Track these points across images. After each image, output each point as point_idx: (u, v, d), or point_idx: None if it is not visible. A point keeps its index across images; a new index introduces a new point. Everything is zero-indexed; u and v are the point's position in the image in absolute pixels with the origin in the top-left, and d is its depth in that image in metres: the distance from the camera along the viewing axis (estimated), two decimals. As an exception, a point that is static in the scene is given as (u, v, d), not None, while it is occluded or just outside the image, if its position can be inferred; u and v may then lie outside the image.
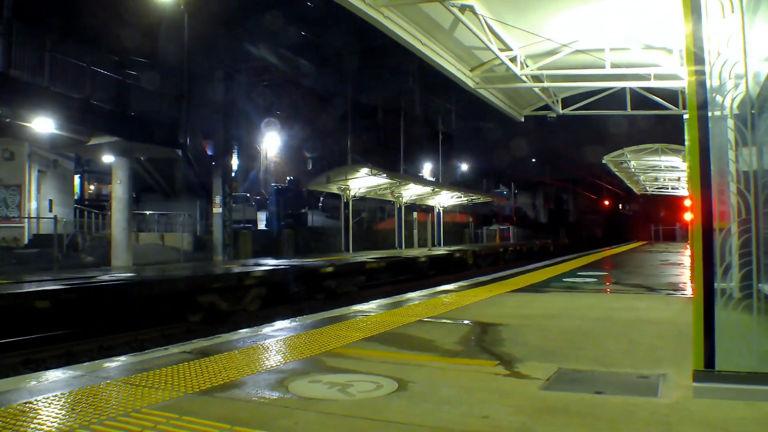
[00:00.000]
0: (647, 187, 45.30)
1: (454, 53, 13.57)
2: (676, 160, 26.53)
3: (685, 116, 11.34)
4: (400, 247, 37.23)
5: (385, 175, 31.22)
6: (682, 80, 13.22)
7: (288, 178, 48.04)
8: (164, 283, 14.96)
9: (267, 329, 7.19)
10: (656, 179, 39.99)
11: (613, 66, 13.32)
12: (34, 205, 26.03)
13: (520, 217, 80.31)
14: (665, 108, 16.21)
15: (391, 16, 10.72)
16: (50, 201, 27.34)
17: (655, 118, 18.84)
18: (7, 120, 17.73)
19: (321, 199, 44.64)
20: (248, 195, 40.17)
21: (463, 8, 10.78)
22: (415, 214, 42.73)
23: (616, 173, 36.72)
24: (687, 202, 25.01)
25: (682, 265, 19.45)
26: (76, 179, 34.09)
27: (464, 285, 13.02)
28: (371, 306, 9.33)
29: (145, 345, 11.92)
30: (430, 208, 44.18)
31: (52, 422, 3.56)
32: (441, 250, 34.77)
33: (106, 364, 5.33)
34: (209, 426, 3.48)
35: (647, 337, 6.44)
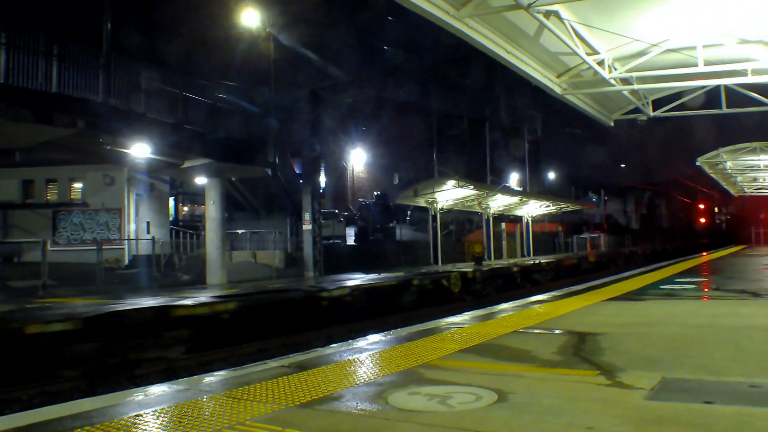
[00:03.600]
0: (745, 188, 43.58)
1: (539, 60, 13.43)
2: (777, 159, 25.44)
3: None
4: (490, 258, 36.90)
5: (471, 186, 31.07)
6: (784, 74, 12.71)
7: (375, 193, 48.32)
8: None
9: (361, 343, 7.22)
10: (755, 179, 38.43)
11: (707, 63, 12.88)
12: (133, 227, 27.10)
13: (611, 224, 78.35)
14: (764, 104, 15.56)
15: (475, 26, 10.70)
16: (148, 223, 28.40)
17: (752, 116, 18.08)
18: (108, 147, 18.54)
19: (408, 212, 44.74)
20: (336, 211, 40.61)
21: (548, 14, 10.66)
22: (503, 225, 42.34)
23: (711, 175, 35.46)
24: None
25: (788, 269, 18.59)
26: (171, 201, 35.24)
27: (557, 295, 12.78)
28: (464, 318, 9.26)
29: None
30: (518, 218, 43.70)
31: (161, 435, 3.67)
32: (530, 261, 34.32)
33: (207, 379, 5.47)
34: (312, 438, 3.51)
35: (756, 344, 6.16)
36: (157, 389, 5.08)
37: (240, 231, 31.45)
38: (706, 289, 13.22)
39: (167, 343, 13.27)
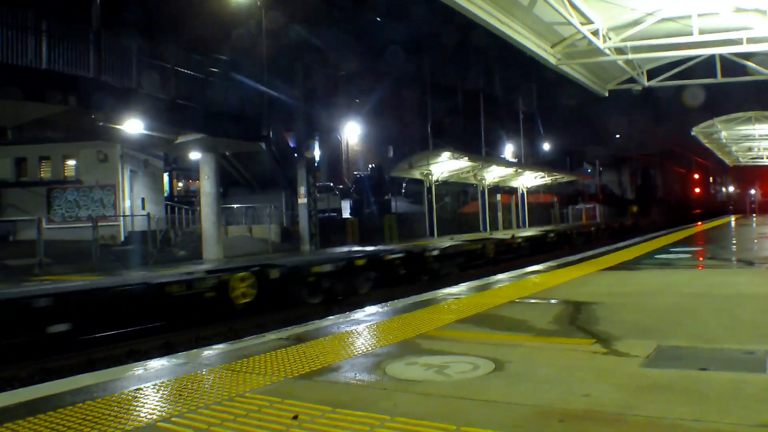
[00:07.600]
0: (740, 158, 43.60)
1: (534, 30, 13.35)
2: (772, 128, 25.41)
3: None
4: (485, 230, 36.96)
5: (467, 158, 30.99)
6: (778, 42, 12.67)
7: (370, 166, 48.28)
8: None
9: (358, 314, 7.25)
10: (750, 149, 38.43)
11: (701, 32, 12.83)
12: (127, 203, 27.05)
13: (606, 195, 78.27)
14: (759, 73, 15.52)
15: (469, -4, 10.62)
16: (142, 199, 28.34)
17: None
18: (100, 123, 18.40)
19: (403, 185, 44.73)
20: (331, 184, 40.54)
21: (541, -17, 10.59)
22: (498, 197, 42.32)
23: (706, 145, 35.46)
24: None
25: (782, 237, 18.66)
26: (165, 177, 35.12)
27: (553, 265, 12.83)
28: (461, 288, 9.31)
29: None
30: (514, 190, 43.67)
31: (162, 407, 3.70)
32: (527, 232, 34.41)
33: (206, 352, 5.50)
34: (312, 408, 3.54)
35: (750, 312, 6.21)
36: (157, 363, 5.11)
37: (235, 206, 31.36)
38: (701, 259, 13.29)
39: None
